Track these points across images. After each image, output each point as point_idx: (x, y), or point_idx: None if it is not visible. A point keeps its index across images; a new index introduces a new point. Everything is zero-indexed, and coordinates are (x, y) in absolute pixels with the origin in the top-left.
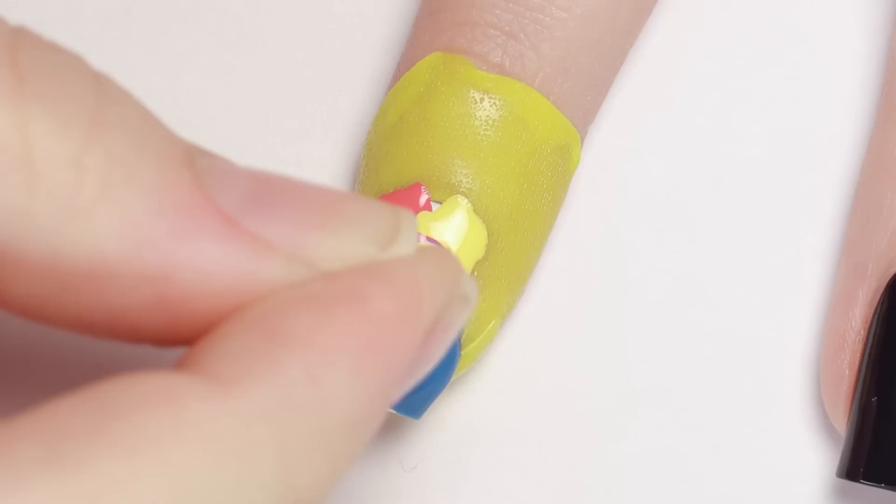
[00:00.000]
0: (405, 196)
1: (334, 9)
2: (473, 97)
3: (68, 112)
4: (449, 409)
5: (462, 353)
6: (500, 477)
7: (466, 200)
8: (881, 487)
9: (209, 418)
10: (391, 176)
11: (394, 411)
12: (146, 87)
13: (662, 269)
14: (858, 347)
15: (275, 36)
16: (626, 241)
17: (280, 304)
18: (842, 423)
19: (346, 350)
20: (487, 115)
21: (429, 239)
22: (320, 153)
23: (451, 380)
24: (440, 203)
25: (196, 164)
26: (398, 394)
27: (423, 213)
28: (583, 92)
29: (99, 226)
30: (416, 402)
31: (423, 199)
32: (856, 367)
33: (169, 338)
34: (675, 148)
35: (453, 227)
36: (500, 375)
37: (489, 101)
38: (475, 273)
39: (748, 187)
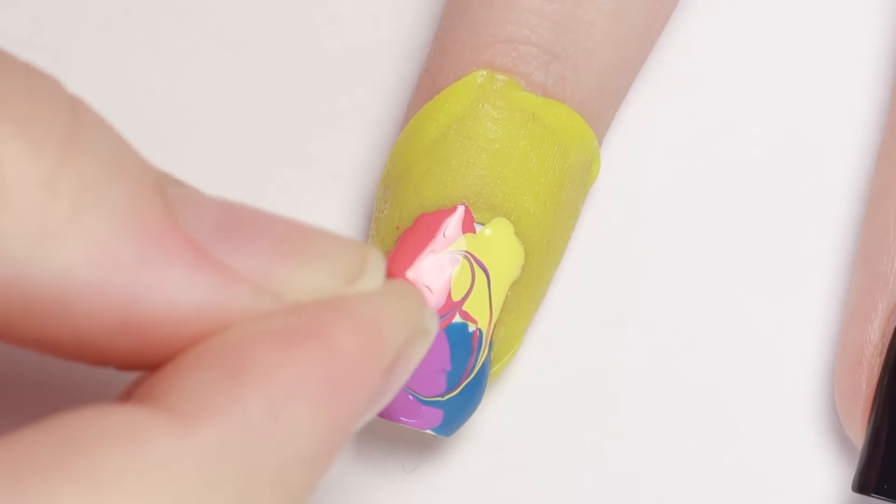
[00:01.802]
0: (448, 216)
1: (334, 9)
2: (522, 119)
3: (42, 135)
4: None
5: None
6: (500, 477)
7: (509, 223)
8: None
9: (171, 455)
10: (435, 194)
11: (432, 432)
12: (146, 87)
13: (667, 273)
14: (877, 362)
15: (275, 36)
16: (629, 243)
17: (243, 337)
18: (858, 436)
19: (308, 386)
20: (534, 137)
21: (474, 258)
22: (320, 153)
23: None
24: (483, 224)
25: (166, 191)
26: (358, 426)
27: (468, 236)
28: (608, 110)
29: (68, 249)
30: (451, 424)
31: (466, 220)
32: (874, 382)
33: (133, 362)
34: (678, 151)
35: (494, 248)
36: (500, 376)
37: (535, 124)
38: (510, 293)
39: (751, 190)
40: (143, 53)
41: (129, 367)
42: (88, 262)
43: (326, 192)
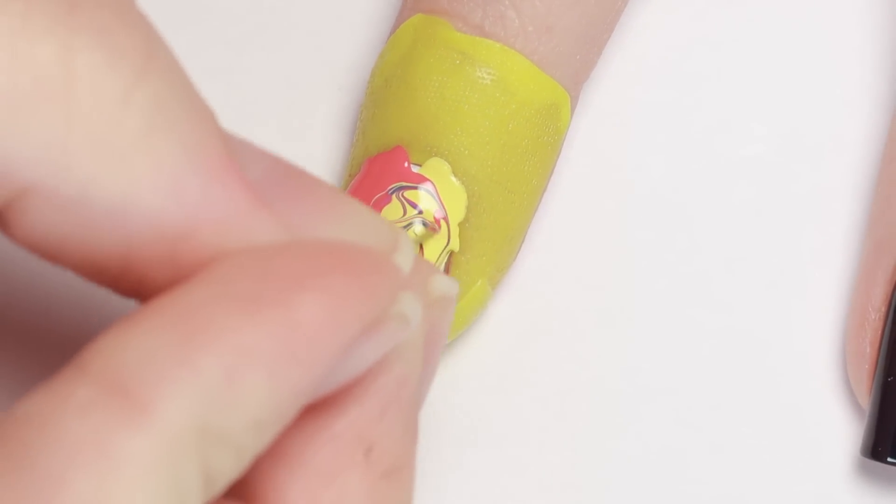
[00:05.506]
0: (387, 159)
1: (335, 7)
2: (451, 59)
3: (122, 46)
4: (448, 410)
5: None
6: (500, 477)
7: (445, 163)
8: None
9: (136, 456)
10: (376, 139)
11: None
12: None
13: (668, 270)
14: (879, 325)
15: (275, 35)
16: (628, 239)
17: (201, 298)
18: (866, 401)
19: (264, 353)
20: (466, 77)
21: (405, 199)
22: (320, 153)
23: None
24: (420, 165)
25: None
26: (313, 395)
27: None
28: (570, 50)
29: (134, 171)
30: None
31: (403, 162)
32: (876, 345)
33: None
34: (680, 148)
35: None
36: (499, 375)
37: (467, 64)
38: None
39: (753, 187)
40: None
41: (150, 298)
42: (152, 187)
43: None
